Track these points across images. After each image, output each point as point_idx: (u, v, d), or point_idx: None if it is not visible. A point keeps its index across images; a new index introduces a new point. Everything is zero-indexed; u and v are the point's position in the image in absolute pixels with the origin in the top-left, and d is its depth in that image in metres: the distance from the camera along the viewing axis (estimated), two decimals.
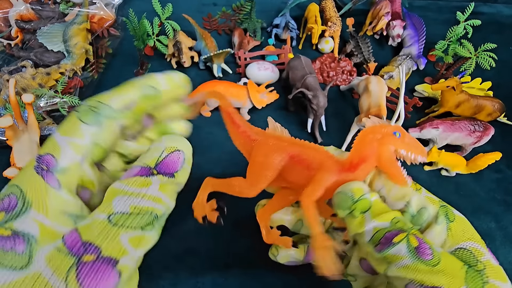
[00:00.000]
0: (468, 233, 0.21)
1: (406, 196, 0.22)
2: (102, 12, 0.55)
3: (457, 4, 0.74)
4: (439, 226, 0.21)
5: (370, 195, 0.22)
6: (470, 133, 0.45)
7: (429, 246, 0.19)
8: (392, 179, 0.23)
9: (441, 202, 0.23)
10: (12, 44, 0.52)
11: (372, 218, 0.21)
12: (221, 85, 0.47)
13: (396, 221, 0.20)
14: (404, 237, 0.19)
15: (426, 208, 0.21)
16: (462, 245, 0.20)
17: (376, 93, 0.43)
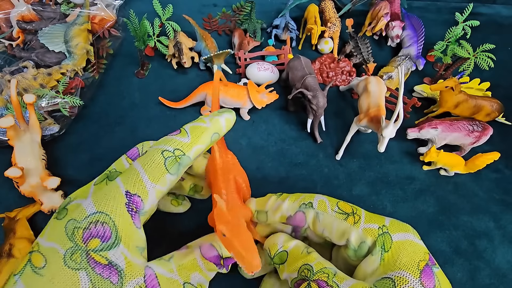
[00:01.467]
0: (400, 261, 0.22)
1: (345, 234, 0.24)
2: (103, 13, 0.55)
3: (455, 5, 0.74)
4: (373, 257, 0.23)
5: (285, 247, 0.25)
6: (469, 133, 0.46)
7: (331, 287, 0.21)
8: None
9: (381, 229, 0.23)
10: (14, 44, 0.52)
11: (286, 269, 0.24)
12: (221, 86, 0.48)
13: (302, 270, 0.23)
14: (306, 285, 0.22)
15: (365, 242, 0.23)
16: (389, 274, 0.21)
17: (375, 94, 0.43)
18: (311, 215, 0.25)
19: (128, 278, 0.18)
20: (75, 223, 0.19)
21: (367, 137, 0.50)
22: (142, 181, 0.21)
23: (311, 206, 0.25)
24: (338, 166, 0.47)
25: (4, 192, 0.40)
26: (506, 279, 0.38)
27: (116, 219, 0.19)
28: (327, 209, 0.25)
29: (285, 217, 0.26)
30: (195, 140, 0.23)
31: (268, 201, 0.28)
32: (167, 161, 0.22)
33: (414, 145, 0.49)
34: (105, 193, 0.20)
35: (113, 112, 0.49)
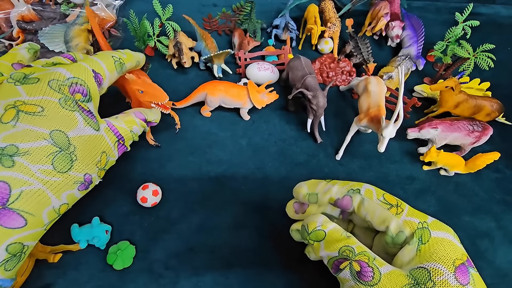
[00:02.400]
0: (436, 255, 0.23)
1: (386, 221, 0.26)
2: (103, 13, 0.55)
3: (455, 5, 0.74)
4: (410, 247, 0.24)
5: (323, 226, 0.27)
6: (469, 133, 0.46)
7: (372, 269, 0.23)
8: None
9: (422, 224, 0.25)
10: (14, 44, 0.52)
11: (325, 248, 0.26)
12: (221, 85, 0.48)
13: (343, 250, 0.25)
14: (347, 264, 0.24)
15: (403, 232, 0.25)
16: (424, 265, 0.23)
17: (376, 94, 0.43)
18: (357, 200, 0.28)
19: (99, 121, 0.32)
20: (59, 82, 0.29)
21: (367, 137, 0.50)
22: (102, 68, 0.33)
23: (359, 192, 0.28)
24: (338, 166, 0.47)
25: None
26: (508, 278, 0.38)
27: (89, 84, 0.31)
28: (373, 198, 0.27)
29: (333, 199, 0.29)
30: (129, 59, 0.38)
31: (318, 184, 0.30)
32: (116, 63, 0.35)
33: (414, 145, 0.49)
34: (76, 68, 0.31)
35: (113, 112, 0.49)
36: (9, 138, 0.26)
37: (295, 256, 0.38)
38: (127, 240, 0.38)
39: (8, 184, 0.24)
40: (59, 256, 0.36)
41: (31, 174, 0.25)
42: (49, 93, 0.28)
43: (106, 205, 0.40)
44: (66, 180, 0.28)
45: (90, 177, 0.30)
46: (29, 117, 0.27)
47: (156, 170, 0.44)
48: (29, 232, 0.26)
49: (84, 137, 0.29)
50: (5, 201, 0.24)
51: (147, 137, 0.45)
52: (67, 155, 0.27)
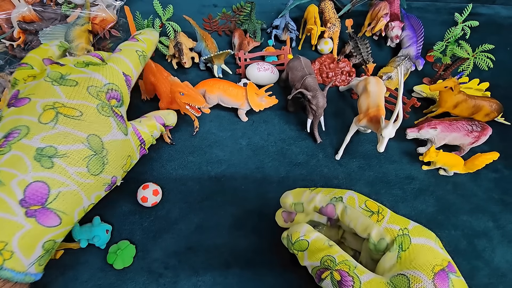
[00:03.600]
0: (416, 262, 0.23)
1: (368, 229, 0.26)
2: (104, 14, 0.55)
3: (455, 5, 0.74)
4: (391, 254, 0.25)
5: (306, 236, 0.27)
6: (468, 133, 0.46)
7: (352, 278, 0.23)
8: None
9: (402, 230, 0.26)
10: (15, 45, 0.52)
11: (308, 258, 0.27)
12: (221, 83, 0.48)
13: (325, 260, 0.25)
14: (328, 274, 0.24)
15: (384, 239, 0.26)
16: (404, 272, 0.23)
17: (375, 94, 0.43)
18: (340, 208, 0.28)
19: (128, 125, 0.34)
20: (97, 88, 0.31)
21: (367, 137, 0.50)
22: (130, 68, 0.34)
23: (341, 200, 0.28)
24: (337, 166, 0.47)
25: None
26: (505, 278, 0.39)
27: (121, 89, 0.32)
28: (355, 205, 0.28)
29: (318, 208, 0.29)
30: (149, 47, 0.39)
31: (303, 193, 0.31)
32: (140, 57, 0.37)
33: (414, 145, 0.50)
34: (110, 72, 0.32)
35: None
36: (49, 139, 0.27)
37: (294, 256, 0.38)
38: (127, 239, 0.38)
39: (47, 184, 0.26)
40: (60, 253, 0.36)
41: (68, 176, 0.27)
42: (88, 98, 0.30)
43: (106, 205, 0.40)
44: (97, 182, 0.29)
45: (116, 179, 0.32)
46: (68, 120, 0.28)
47: (156, 170, 0.44)
48: (62, 230, 0.28)
49: (115, 142, 0.31)
50: (44, 201, 0.25)
51: (164, 134, 0.46)
52: (100, 158, 0.29)
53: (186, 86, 0.41)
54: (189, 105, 0.42)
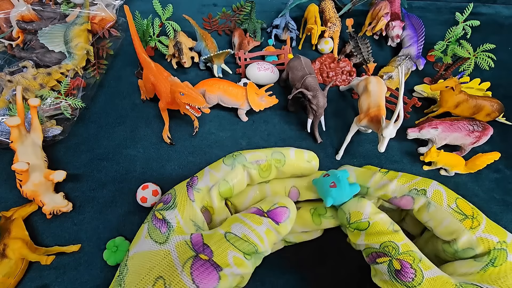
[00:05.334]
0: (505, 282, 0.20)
1: (455, 234, 0.22)
2: (103, 13, 0.55)
3: (456, 4, 0.74)
4: (475, 262, 0.21)
5: (369, 218, 0.23)
6: (469, 133, 0.45)
7: (414, 271, 0.20)
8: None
9: (500, 244, 0.21)
10: (14, 44, 0.52)
11: (365, 238, 0.23)
12: (221, 83, 0.48)
13: (386, 245, 0.22)
14: (387, 260, 0.21)
15: (473, 249, 0.22)
16: (482, 285, 0.20)
17: (376, 93, 0.43)
18: (421, 203, 0.24)
19: (175, 233, 0.22)
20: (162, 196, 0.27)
21: (367, 137, 0.50)
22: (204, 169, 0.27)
23: (424, 194, 0.24)
24: (338, 166, 0.46)
25: (5, 193, 0.40)
26: None
27: (177, 191, 0.25)
28: (443, 203, 0.23)
29: (389, 197, 0.25)
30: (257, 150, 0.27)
31: (371, 176, 0.26)
32: (225, 158, 0.27)
33: (414, 145, 0.49)
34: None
35: (113, 112, 0.49)
36: None
37: (295, 257, 0.38)
38: (127, 240, 0.38)
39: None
40: (52, 258, 0.35)
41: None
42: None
43: (106, 205, 0.40)
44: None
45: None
46: None
47: (156, 170, 0.44)
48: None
49: (138, 255, 0.21)
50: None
51: (164, 134, 0.46)
52: (118, 282, 0.21)
53: (186, 86, 0.41)
54: (189, 105, 0.41)
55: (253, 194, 0.28)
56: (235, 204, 0.29)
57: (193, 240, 0.21)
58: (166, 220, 0.22)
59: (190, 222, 0.23)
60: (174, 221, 0.22)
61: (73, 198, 0.40)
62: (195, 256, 0.20)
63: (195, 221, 0.23)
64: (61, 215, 0.39)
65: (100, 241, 0.38)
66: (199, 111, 0.42)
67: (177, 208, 0.23)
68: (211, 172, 0.25)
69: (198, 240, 0.21)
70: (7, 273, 0.33)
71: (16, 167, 0.36)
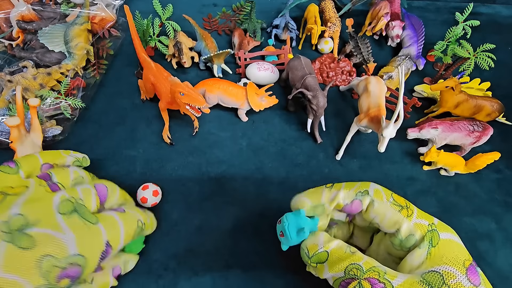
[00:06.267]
0: (446, 257, 0.23)
1: (397, 224, 0.25)
2: (103, 13, 0.55)
3: (456, 4, 0.74)
4: (420, 250, 0.24)
5: (325, 247, 0.25)
6: (469, 133, 0.45)
7: (383, 284, 0.22)
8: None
9: (431, 226, 0.25)
10: (14, 44, 0.52)
11: (329, 269, 0.24)
12: (221, 83, 0.48)
13: (350, 269, 0.23)
14: (356, 284, 0.22)
15: (413, 235, 0.24)
16: (435, 268, 0.22)
17: (376, 94, 0.43)
18: (367, 202, 0.26)
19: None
20: (55, 261, 0.20)
21: (367, 137, 0.50)
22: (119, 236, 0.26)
23: (367, 194, 0.27)
24: (338, 166, 0.47)
25: None
26: (508, 281, 0.38)
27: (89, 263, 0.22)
28: (383, 199, 0.26)
29: (341, 205, 0.27)
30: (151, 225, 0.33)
31: (321, 194, 0.28)
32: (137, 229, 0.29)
33: (415, 145, 0.49)
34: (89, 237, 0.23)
35: (113, 112, 0.49)
36: None
37: (295, 257, 0.37)
38: None
39: None
40: None
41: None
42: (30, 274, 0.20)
43: None
44: None
45: None
46: None
47: (156, 171, 0.44)
48: None
49: None
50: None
51: (164, 134, 0.46)
52: None
53: (186, 86, 0.41)
54: (189, 105, 0.41)
55: None
56: None
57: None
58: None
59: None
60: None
61: None
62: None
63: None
64: None
65: None
66: (199, 111, 0.42)
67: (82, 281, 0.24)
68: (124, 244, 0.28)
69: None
70: None
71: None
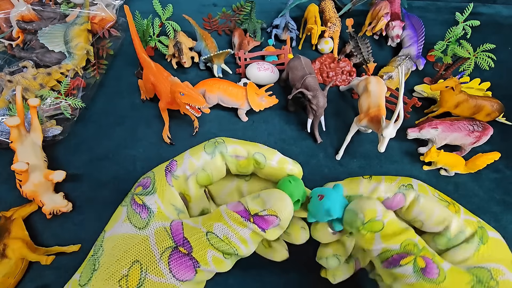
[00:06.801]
0: (494, 256, 0.22)
1: (446, 221, 0.23)
2: (103, 13, 0.55)
3: (456, 4, 0.74)
4: (468, 245, 0.22)
5: (383, 217, 0.22)
6: (469, 133, 0.45)
7: (437, 266, 0.20)
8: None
9: (479, 223, 0.23)
10: (14, 44, 0.52)
11: (382, 240, 0.22)
12: (221, 83, 0.48)
13: (406, 243, 0.21)
14: (412, 259, 0.21)
15: (463, 232, 0.23)
16: (483, 265, 0.21)
17: (376, 93, 0.43)
18: (411, 197, 0.24)
19: (155, 219, 0.21)
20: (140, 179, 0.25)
21: (367, 137, 0.50)
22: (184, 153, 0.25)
23: (412, 188, 0.24)
24: (338, 166, 0.47)
25: (5, 193, 0.40)
26: None
27: (156, 175, 0.24)
28: (429, 193, 0.24)
29: (382, 199, 0.25)
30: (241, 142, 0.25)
31: (360, 185, 0.26)
32: (206, 143, 0.25)
33: (414, 145, 0.49)
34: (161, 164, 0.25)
35: (113, 112, 0.49)
36: None
37: (295, 257, 0.37)
38: None
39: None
40: (52, 258, 0.35)
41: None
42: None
43: (106, 205, 0.40)
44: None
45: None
46: None
47: None
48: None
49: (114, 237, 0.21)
50: None
51: (164, 134, 0.46)
52: (92, 261, 0.21)
53: (186, 86, 0.41)
54: (189, 105, 0.41)
55: (230, 188, 0.28)
56: (212, 192, 0.28)
57: (173, 229, 0.21)
58: (146, 205, 0.22)
59: (171, 206, 0.23)
60: (154, 206, 0.22)
61: (73, 198, 0.40)
62: (175, 247, 0.20)
63: (175, 205, 0.23)
64: (61, 215, 0.39)
65: None
66: (199, 111, 0.42)
67: (157, 193, 0.23)
68: (191, 160, 0.24)
69: (178, 231, 0.21)
70: (7, 273, 0.33)
71: (16, 167, 0.36)
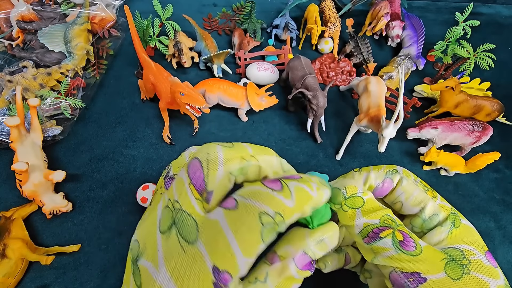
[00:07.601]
0: (466, 239, 0.23)
1: (422, 203, 0.25)
2: (103, 13, 0.55)
3: (456, 4, 0.74)
4: (442, 228, 0.24)
5: (363, 193, 0.25)
6: (469, 133, 0.45)
7: (413, 240, 0.22)
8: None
9: (453, 210, 0.25)
10: (14, 44, 0.52)
11: (363, 215, 0.23)
12: (221, 83, 0.48)
13: (385, 219, 0.23)
14: (390, 232, 0.22)
15: (437, 215, 0.24)
16: (456, 246, 0.22)
17: (376, 93, 0.43)
18: (397, 179, 0.26)
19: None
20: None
21: (367, 137, 0.50)
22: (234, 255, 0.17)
23: (397, 172, 0.26)
24: (338, 166, 0.47)
25: (5, 193, 0.40)
26: (507, 278, 0.38)
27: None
28: (411, 177, 0.26)
29: (373, 187, 0.26)
30: (299, 207, 0.19)
31: (353, 178, 0.26)
32: (265, 230, 0.18)
33: (414, 145, 0.49)
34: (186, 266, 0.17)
35: (113, 112, 0.49)
36: None
37: None
38: None
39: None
40: (52, 258, 0.35)
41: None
42: None
43: (106, 205, 0.40)
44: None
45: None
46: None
47: (156, 171, 0.44)
48: None
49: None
50: None
51: (164, 134, 0.46)
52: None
53: (186, 86, 0.41)
54: (189, 105, 0.41)
55: None
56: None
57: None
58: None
59: None
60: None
61: (73, 198, 0.40)
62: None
63: None
64: (61, 215, 0.39)
65: (100, 241, 0.38)
66: (199, 111, 0.42)
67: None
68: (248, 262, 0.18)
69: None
70: (7, 273, 0.33)
71: (16, 167, 0.36)
